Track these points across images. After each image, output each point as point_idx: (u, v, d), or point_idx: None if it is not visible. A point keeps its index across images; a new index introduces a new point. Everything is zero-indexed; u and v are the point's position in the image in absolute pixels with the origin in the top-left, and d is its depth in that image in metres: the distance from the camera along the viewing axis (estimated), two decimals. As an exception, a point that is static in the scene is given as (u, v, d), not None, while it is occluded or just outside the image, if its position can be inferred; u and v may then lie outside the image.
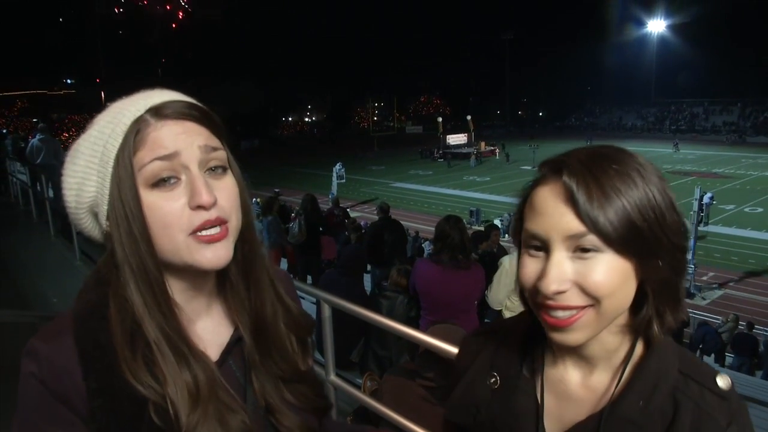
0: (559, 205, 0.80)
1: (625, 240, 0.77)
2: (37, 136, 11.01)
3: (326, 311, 2.86)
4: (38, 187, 9.65)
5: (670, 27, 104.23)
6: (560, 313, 0.81)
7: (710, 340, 12.86)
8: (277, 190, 24.18)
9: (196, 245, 0.86)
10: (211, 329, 0.99)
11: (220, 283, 1.01)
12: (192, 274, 0.92)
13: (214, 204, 0.86)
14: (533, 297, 0.85)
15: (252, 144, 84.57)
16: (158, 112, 0.86)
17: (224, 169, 0.91)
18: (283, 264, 10.33)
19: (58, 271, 7.15)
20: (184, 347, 0.88)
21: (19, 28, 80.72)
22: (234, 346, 1.00)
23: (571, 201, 0.78)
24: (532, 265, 0.84)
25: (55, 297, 5.92)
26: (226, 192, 0.90)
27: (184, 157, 0.85)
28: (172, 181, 0.85)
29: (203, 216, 0.85)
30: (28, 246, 8.42)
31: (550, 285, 0.79)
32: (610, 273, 0.78)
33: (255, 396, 0.99)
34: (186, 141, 0.86)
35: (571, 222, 0.78)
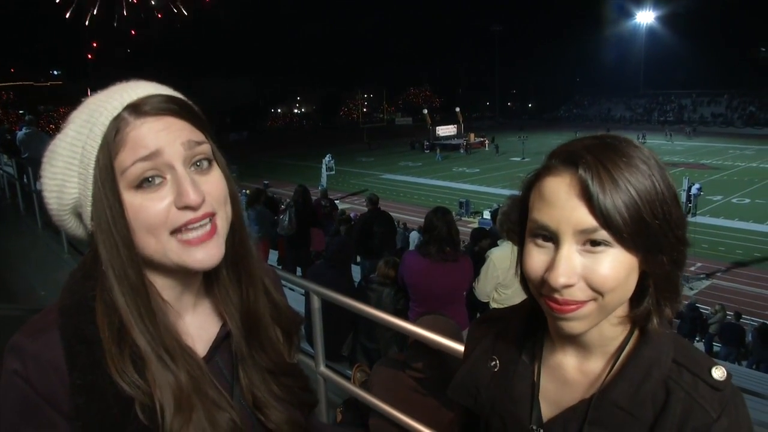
0: (572, 198, 0.79)
1: (634, 235, 0.77)
2: (24, 129, 10.91)
3: (315, 303, 2.86)
4: (25, 180, 9.57)
5: (658, 18, 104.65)
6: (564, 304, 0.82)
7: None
8: (266, 182, 24.16)
9: (185, 248, 0.84)
10: (198, 325, 0.98)
11: (208, 279, 0.99)
12: (181, 273, 0.90)
13: (202, 203, 0.84)
14: (539, 287, 0.85)
15: (241, 136, 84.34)
16: (136, 109, 0.83)
17: (209, 162, 0.89)
18: (273, 256, 10.32)
19: (46, 263, 7.11)
20: (164, 352, 0.86)
21: (5, 20, 79.81)
22: (222, 342, 0.99)
23: (585, 195, 0.78)
24: (539, 256, 0.84)
25: (43, 290, 5.88)
26: (213, 186, 0.88)
27: (167, 155, 0.82)
28: (157, 180, 0.83)
29: (189, 215, 0.84)
30: (15, 239, 8.37)
31: (559, 278, 0.79)
32: (617, 268, 0.79)
33: (242, 392, 0.98)
34: (168, 138, 0.83)
35: (583, 216, 0.78)
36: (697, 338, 13.42)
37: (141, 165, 0.81)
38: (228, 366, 0.99)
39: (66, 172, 0.85)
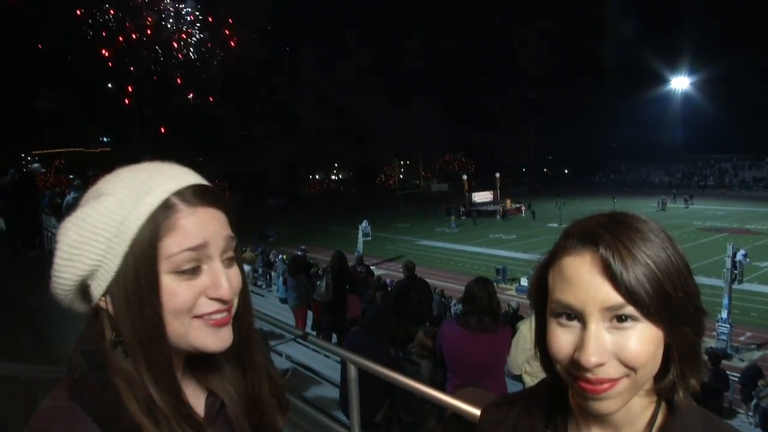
0: (596, 277, 0.80)
1: (659, 309, 0.78)
2: (72, 193, 11.32)
3: (352, 371, 2.83)
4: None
5: (694, 83, 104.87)
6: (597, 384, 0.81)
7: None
8: (303, 247, 24.39)
9: (205, 328, 0.87)
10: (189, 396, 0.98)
11: (194, 359, 0.99)
12: (176, 351, 0.90)
13: (233, 297, 0.89)
14: (569, 368, 0.84)
15: (279, 201, 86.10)
16: (187, 197, 0.86)
17: (233, 257, 0.93)
18: (309, 320, 10.28)
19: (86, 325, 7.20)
20: (195, 424, 0.88)
21: (56, 88, 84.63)
22: (218, 411, 0.99)
23: (608, 273, 0.79)
24: (565, 336, 0.84)
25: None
26: (235, 279, 0.92)
27: (211, 248, 0.87)
28: (196, 269, 0.86)
29: (216, 306, 0.88)
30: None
31: (591, 358, 0.79)
32: (646, 342, 0.79)
33: None
34: (214, 231, 0.87)
35: (609, 294, 0.79)
36: (750, 414, 12.74)
37: (189, 254, 0.84)
38: None
39: (90, 240, 0.83)
